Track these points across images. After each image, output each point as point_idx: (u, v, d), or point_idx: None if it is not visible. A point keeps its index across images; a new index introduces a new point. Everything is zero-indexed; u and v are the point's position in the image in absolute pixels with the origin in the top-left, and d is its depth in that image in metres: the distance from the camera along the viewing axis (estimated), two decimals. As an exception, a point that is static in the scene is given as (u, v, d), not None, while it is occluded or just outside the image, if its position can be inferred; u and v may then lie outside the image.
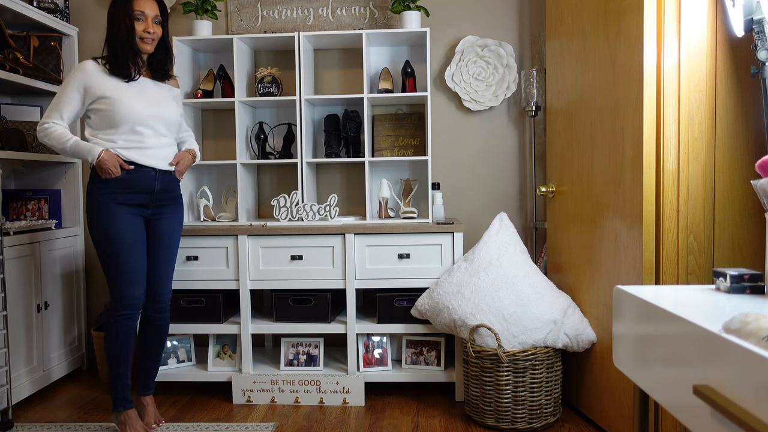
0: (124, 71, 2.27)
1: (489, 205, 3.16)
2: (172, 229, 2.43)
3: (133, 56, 2.29)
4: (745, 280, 1.31)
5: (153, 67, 2.40)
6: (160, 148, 2.36)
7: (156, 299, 2.43)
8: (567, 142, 2.58)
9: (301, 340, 2.85)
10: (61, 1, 3.15)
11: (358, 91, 3.12)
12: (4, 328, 2.38)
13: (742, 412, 0.85)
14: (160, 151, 2.35)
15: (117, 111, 2.24)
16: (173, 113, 2.40)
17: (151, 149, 2.32)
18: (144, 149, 2.30)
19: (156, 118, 2.32)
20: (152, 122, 2.31)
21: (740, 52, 1.94)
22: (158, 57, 2.39)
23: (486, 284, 2.48)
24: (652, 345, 1.22)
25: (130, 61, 2.28)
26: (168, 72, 2.43)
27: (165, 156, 2.38)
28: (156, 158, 2.34)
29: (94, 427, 2.47)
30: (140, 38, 2.28)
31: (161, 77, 2.41)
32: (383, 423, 2.50)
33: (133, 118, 2.26)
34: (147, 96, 2.33)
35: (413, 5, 2.93)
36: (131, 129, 2.27)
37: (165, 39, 2.38)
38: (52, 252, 2.92)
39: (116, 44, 2.26)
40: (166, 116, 2.36)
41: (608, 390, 2.29)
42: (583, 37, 2.41)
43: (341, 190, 3.23)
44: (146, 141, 2.30)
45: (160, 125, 2.34)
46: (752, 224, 1.97)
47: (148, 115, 2.29)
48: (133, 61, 2.29)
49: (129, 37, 2.26)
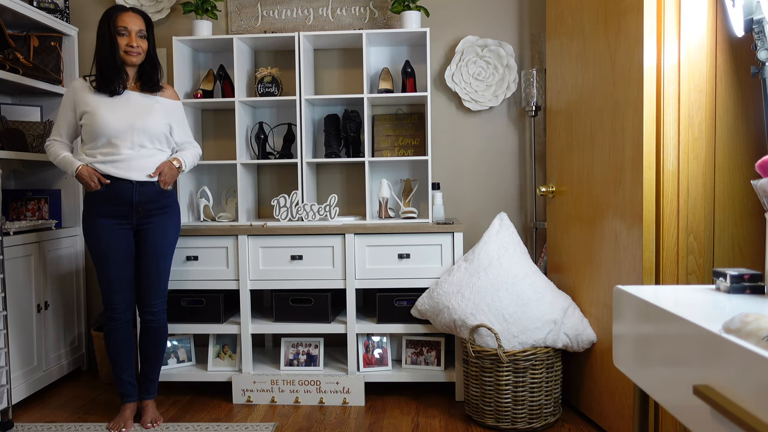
0: (108, 86, 2.34)
1: (489, 205, 3.16)
2: (158, 239, 2.43)
3: (116, 71, 2.34)
4: (745, 280, 1.31)
5: (142, 80, 2.43)
6: (139, 160, 2.36)
7: (147, 304, 2.47)
8: (567, 142, 2.58)
9: (301, 340, 2.85)
10: (61, 1, 3.15)
11: (358, 91, 3.12)
12: (4, 328, 2.38)
13: (742, 412, 0.85)
14: (138, 162, 2.36)
15: (93, 124, 2.33)
16: (157, 124, 2.38)
17: (127, 161, 2.34)
18: (119, 162, 2.33)
19: (134, 129, 2.34)
20: (130, 134, 2.34)
21: (740, 52, 1.94)
22: (145, 70, 2.42)
23: (486, 284, 2.48)
24: (652, 345, 1.22)
25: (113, 76, 2.33)
26: (157, 84, 2.45)
27: (144, 167, 2.37)
28: (133, 170, 2.35)
29: (94, 427, 2.47)
30: (125, 52, 2.34)
31: (150, 89, 2.44)
32: (383, 423, 2.50)
33: (108, 131, 2.31)
34: (128, 108, 2.36)
35: (413, 5, 2.93)
36: (108, 142, 2.33)
37: (151, 52, 2.42)
38: (52, 252, 2.92)
39: (101, 60, 2.34)
40: (148, 127, 2.36)
41: (608, 390, 2.29)
42: (583, 37, 2.41)
43: (341, 190, 3.23)
44: (122, 153, 2.33)
45: (139, 137, 2.35)
46: (752, 224, 1.97)
47: (125, 126, 2.32)
48: (117, 76, 2.34)
49: (112, 52, 2.33)
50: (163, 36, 3.22)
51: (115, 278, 2.39)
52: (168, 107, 2.47)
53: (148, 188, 2.39)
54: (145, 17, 2.40)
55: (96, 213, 2.36)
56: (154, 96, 2.44)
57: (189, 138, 2.59)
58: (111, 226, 2.36)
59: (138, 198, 2.36)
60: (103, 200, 2.35)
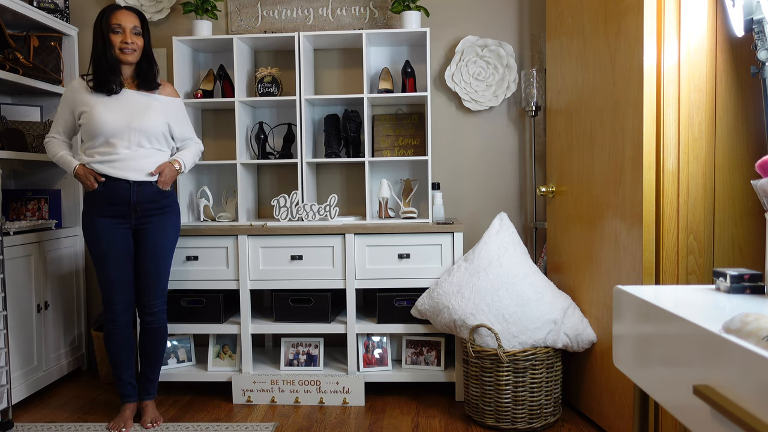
0: (105, 85, 2.33)
1: (489, 205, 3.16)
2: (157, 239, 2.43)
3: (111, 69, 2.33)
4: (745, 280, 1.31)
5: (139, 78, 2.42)
6: (136, 160, 2.35)
7: (146, 304, 2.47)
8: (567, 142, 2.58)
9: (301, 340, 2.85)
10: (61, 1, 3.15)
11: (358, 91, 3.12)
12: (4, 328, 2.39)
13: (742, 412, 0.85)
14: (135, 162, 2.35)
15: (90, 124, 2.32)
16: (154, 123, 2.37)
17: (124, 161, 2.33)
18: (116, 162, 2.33)
19: (131, 129, 2.33)
20: (127, 133, 2.33)
21: (740, 52, 1.94)
22: (142, 68, 2.41)
23: (486, 284, 2.48)
24: (652, 345, 1.22)
25: (109, 75, 2.33)
26: (153, 81, 2.43)
27: (142, 167, 2.37)
28: (130, 170, 2.34)
29: (94, 427, 2.47)
30: (120, 50, 2.33)
31: (147, 87, 2.42)
32: (383, 423, 2.50)
33: (106, 130, 2.31)
34: (125, 107, 2.35)
35: (413, 5, 2.93)
36: (105, 141, 2.33)
37: (147, 49, 2.41)
38: (52, 252, 2.92)
39: (96, 59, 2.34)
40: (145, 127, 2.35)
41: (608, 390, 2.29)
42: (583, 37, 2.41)
43: (341, 190, 3.23)
44: (119, 153, 2.33)
45: (137, 136, 2.34)
46: (752, 224, 1.97)
47: (122, 126, 2.32)
48: (113, 74, 2.33)
49: (107, 51, 2.32)
50: (163, 36, 3.22)
51: (114, 278, 2.39)
52: (166, 105, 2.45)
53: (146, 188, 2.38)
54: (140, 14, 2.39)
55: (95, 213, 2.36)
56: (152, 94, 2.43)
57: (191, 134, 2.58)
58: (110, 225, 2.36)
59: (135, 198, 2.36)
60: (101, 200, 2.35)
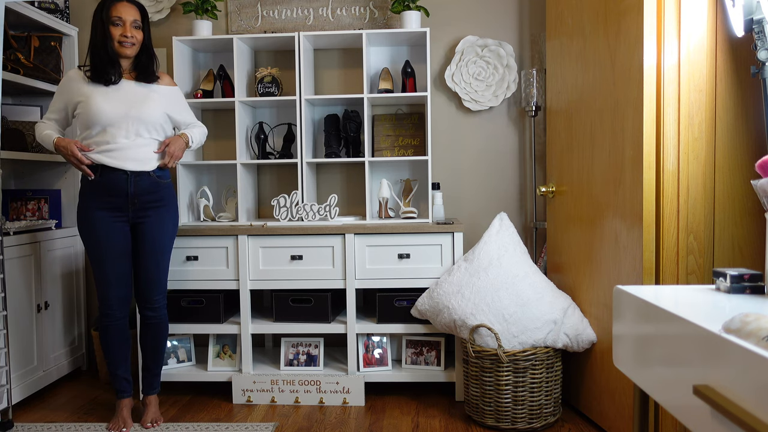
0: (102, 76, 2.31)
1: (489, 205, 3.16)
2: (156, 234, 2.41)
3: (109, 61, 2.31)
4: (745, 280, 1.31)
5: (138, 71, 2.41)
6: (134, 149, 2.33)
7: (147, 299, 2.46)
8: (567, 142, 2.58)
9: (301, 340, 2.85)
10: (61, 1, 3.15)
11: (358, 91, 3.12)
12: (4, 328, 2.38)
13: (742, 412, 0.85)
14: (133, 152, 2.33)
15: (87, 113, 2.29)
16: (153, 113, 2.36)
17: (122, 150, 2.31)
18: (114, 151, 2.30)
19: (129, 118, 2.31)
20: (125, 123, 2.31)
21: (740, 52, 1.94)
22: (141, 60, 2.40)
23: (486, 284, 2.48)
24: (652, 345, 1.22)
25: (107, 66, 2.31)
26: (153, 74, 2.42)
27: (140, 157, 2.34)
28: (128, 160, 2.32)
29: (94, 427, 2.47)
30: (119, 42, 2.31)
31: (146, 79, 2.41)
32: (383, 423, 2.50)
33: (103, 119, 2.28)
34: (123, 97, 2.33)
35: (413, 5, 2.93)
36: (103, 130, 2.30)
37: (147, 43, 2.40)
38: (52, 252, 2.92)
39: (94, 50, 2.32)
40: (143, 116, 2.33)
41: (608, 390, 2.29)
42: (583, 37, 2.41)
43: (341, 190, 3.23)
44: (118, 142, 2.30)
45: (135, 125, 2.32)
46: (752, 224, 1.97)
47: (120, 115, 2.30)
48: (111, 66, 2.31)
49: (105, 43, 2.30)
50: (163, 36, 3.22)
51: (110, 274, 2.35)
52: (165, 95, 2.44)
53: (144, 179, 2.35)
54: (141, 7, 2.37)
55: (91, 206, 2.33)
56: (151, 85, 2.41)
57: (193, 119, 2.57)
58: (106, 219, 2.33)
59: (133, 189, 2.33)
60: (99, 191, 2.32)
